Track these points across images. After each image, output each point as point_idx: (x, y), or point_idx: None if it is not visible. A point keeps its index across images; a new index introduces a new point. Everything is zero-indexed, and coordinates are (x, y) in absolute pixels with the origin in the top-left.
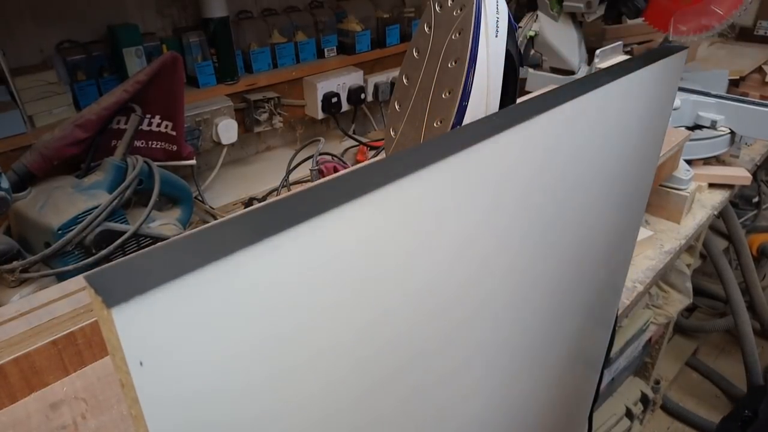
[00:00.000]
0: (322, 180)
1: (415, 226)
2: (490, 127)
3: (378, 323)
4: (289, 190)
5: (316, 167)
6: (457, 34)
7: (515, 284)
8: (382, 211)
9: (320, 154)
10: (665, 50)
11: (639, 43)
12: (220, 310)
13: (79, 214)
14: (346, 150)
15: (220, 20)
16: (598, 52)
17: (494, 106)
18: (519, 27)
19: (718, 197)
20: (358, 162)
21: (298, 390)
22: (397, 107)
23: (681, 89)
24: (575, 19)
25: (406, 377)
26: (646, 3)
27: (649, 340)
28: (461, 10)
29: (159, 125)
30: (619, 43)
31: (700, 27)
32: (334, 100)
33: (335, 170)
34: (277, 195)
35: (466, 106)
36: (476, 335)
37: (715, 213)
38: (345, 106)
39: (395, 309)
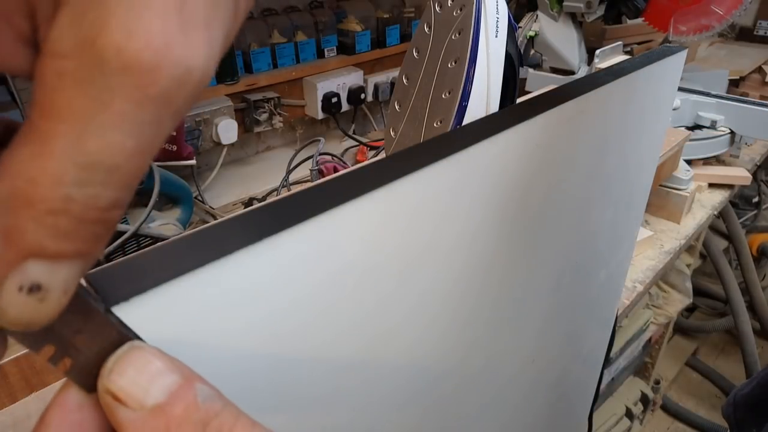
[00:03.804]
0: (321, 180)
1: (414, 226)
2: (489, 127)
3: (377, 322)
4: (289, 190)
5: (316, 167)
6: (457, 34)
7: (514, 283)
8: (381, 211)
9: (320, 154)
10: (665, 50)
11: (639, 43)
12: (220, 309)
13: None
14: (346, 150)
15: None
16: (598, 52)
17: (494, 106)
18: (519, 27)
19: (718, 197)
20: (358, 162)
21: (298, 390)
22: (397, 107)
23: (681, 89)
24: (575, 19)
25: (403, 377)
26: (646, 3)
27: (649, 340)
28: (461, 10)
29: None
30: (619, 43)
31: (700, 27)
32: (334, 100)
33: (335, 170)
34: (277, 195)
35: (466, 106)
36: (474, 335)
37: (715, 213)
38: (345, 106)
39: (394, 308)
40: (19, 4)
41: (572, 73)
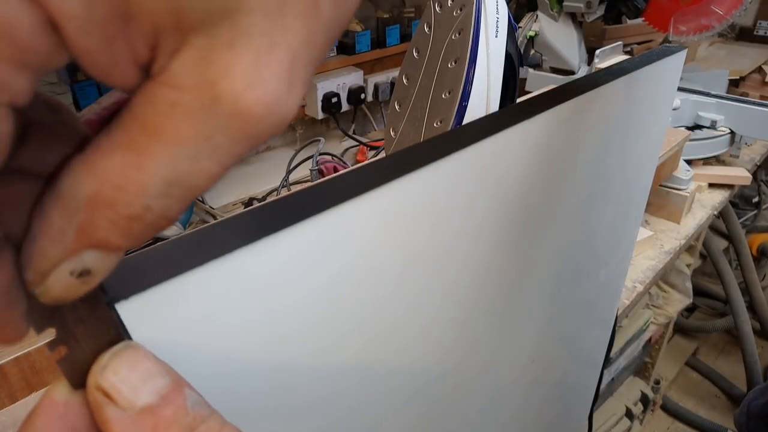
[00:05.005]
0: (321, 180)
1: (414, 226)
2: (489, 126)
3: (376, 322)
4: (289, 190)
5: (316, 167)
6: (457, 34)
7: (514, 284)
8: (380, 211)
9: (320, 154)
10: (665, 50)
11: (639, 43)
12: (219, 308)
13: None
14: (346, 150)
15: None
16: (598, 52)
17: (494, 106)
18: (519, 27)
19: (718, 197)
20: (358, 162)
21: (297, 390)
22: (397, 107)
23: (681, 89)
24: (575, 19)
25: (403, 377)
26: (646, 3)
27: (649, 340)
28: (461, 10)
29: None
30: (619, 43)
31: (700, 27)
32: (334, 100)
33: (335, 170)
34: (277, 195)
35: (466, 106)
36: (474, 336)
37: (715, 213)
38: (345, 106)
39: (393, 307)
40: (148, 38)
41: (572, 73)
